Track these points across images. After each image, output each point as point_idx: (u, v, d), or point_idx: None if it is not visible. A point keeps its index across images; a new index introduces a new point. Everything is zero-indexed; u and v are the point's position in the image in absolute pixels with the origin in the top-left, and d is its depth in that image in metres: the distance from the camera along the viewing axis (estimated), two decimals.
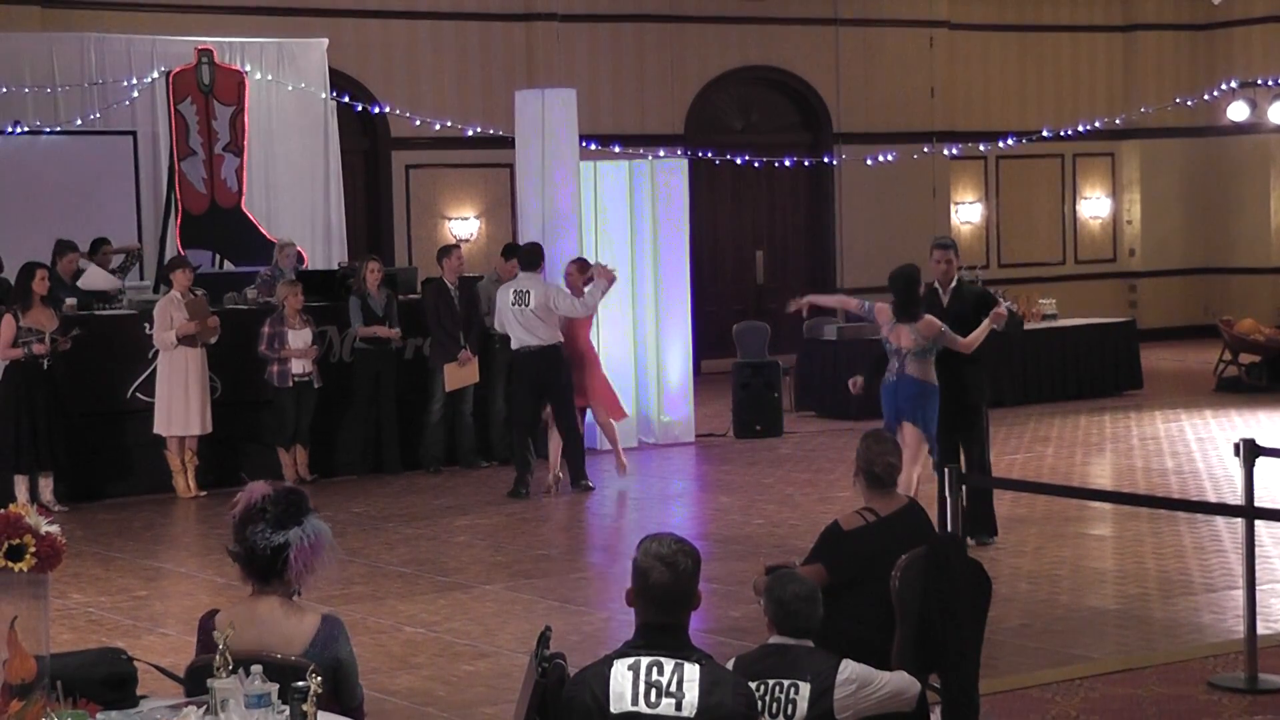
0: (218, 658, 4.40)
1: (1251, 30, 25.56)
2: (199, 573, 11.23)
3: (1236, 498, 10.04)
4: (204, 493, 13.97)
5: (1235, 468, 10.06)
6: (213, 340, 14.03)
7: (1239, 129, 23.97)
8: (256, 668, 4.39)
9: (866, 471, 6.53)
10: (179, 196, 17.09)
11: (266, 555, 4.74)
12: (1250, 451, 8.30)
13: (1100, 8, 25.90)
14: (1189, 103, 24.21)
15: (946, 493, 7.30)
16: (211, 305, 14.25)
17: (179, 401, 13.88)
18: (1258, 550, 8.13)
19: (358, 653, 4.90)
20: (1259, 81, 22.56)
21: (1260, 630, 7.99)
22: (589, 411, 14.31)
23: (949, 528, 7.05)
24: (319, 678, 4.27)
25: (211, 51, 17.35)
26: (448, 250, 15.40)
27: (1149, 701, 7.68)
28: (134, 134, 17.58)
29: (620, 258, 16.23)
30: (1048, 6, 25.50)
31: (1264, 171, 25.63)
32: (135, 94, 17.39)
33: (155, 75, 17.34)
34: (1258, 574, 8.03)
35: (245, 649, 4.55)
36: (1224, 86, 22.90)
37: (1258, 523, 8.29)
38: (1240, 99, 21.84)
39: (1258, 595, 7.94)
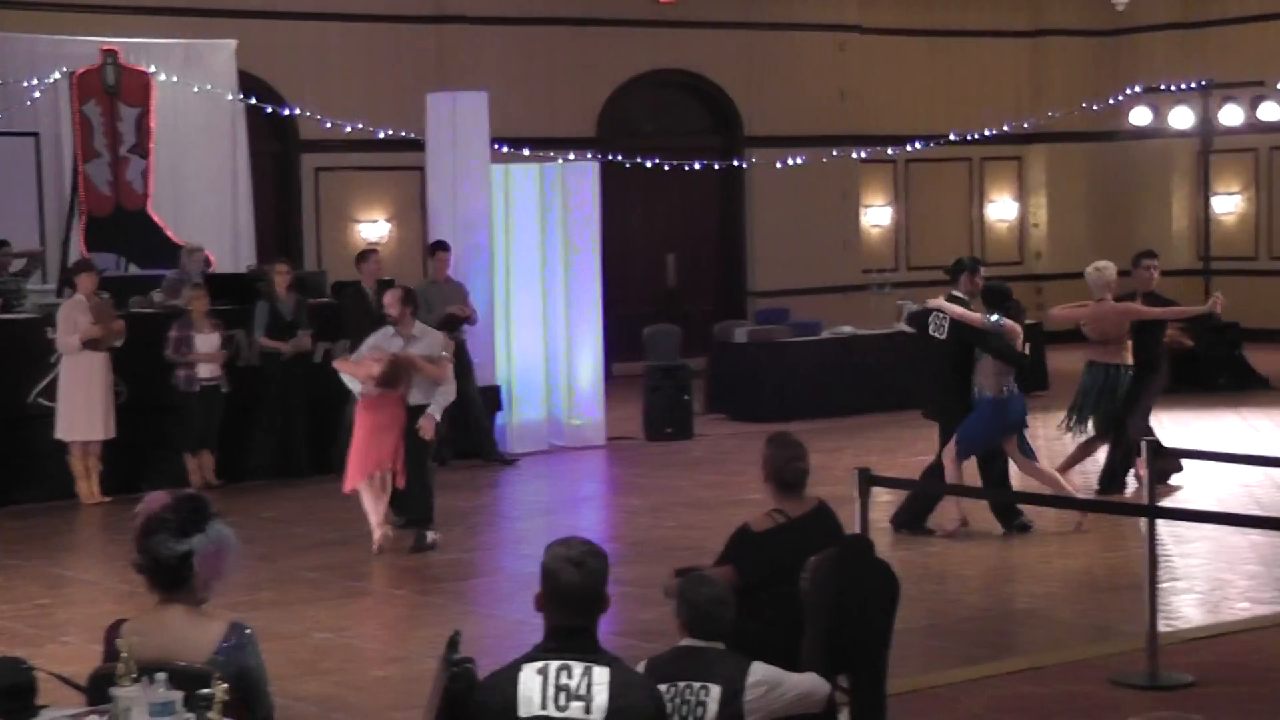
0: (120, 666, 4.36)
1: (1155, 36, 25.88)
2: (103, 580, 11.11)
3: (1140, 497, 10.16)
4: (108, 499, 13.81)
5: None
6: (118, 344, 13.90)
7: (1142, 134, 24.27)
8: (161, 675, 4.35)
9: (776, 478, 6.54)
10: (83, 199, 16.90)
11: (171, 564, 4.69)
12: (1153, 452, 8.43)
13: (1008, 13, 26.14)
14: (1094, 108, 24.51)
15: (856, 494, 7.35)
16: (117, 309, 14.10)
17: (82, 406, 13.72)
18: (1159, 549, 8.23)
19: (265, 659, 4.86)
20: (1161, 87, 22.85)
21: (1161, 628, 8.10)
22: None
23: (860, 529, 7.10)
24: (224, 685, 4.23)
25: (116, 52, 17.16)
26: (366, 255, 15.31)
27: (1053, 699, 7.77)
28: (36, 135, 17.35)
29: (531, 261, 16.23)
30: (956, 11, 25.71)
31: (1166, 176, 25.95)
32: (37, 94, 17.14)
33: (58, 76, 17.11)
34: (1159, 573, 8.13)
35: (150, 657, 4.50)
36: (1128, 92, 23.19)
37: (1159, 522, 8.40)
38: (1143, 104, 22.14)
39: (1159, 594, 8.05)
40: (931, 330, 11.80)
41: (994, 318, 11.40)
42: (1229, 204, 25.23)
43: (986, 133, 23.67)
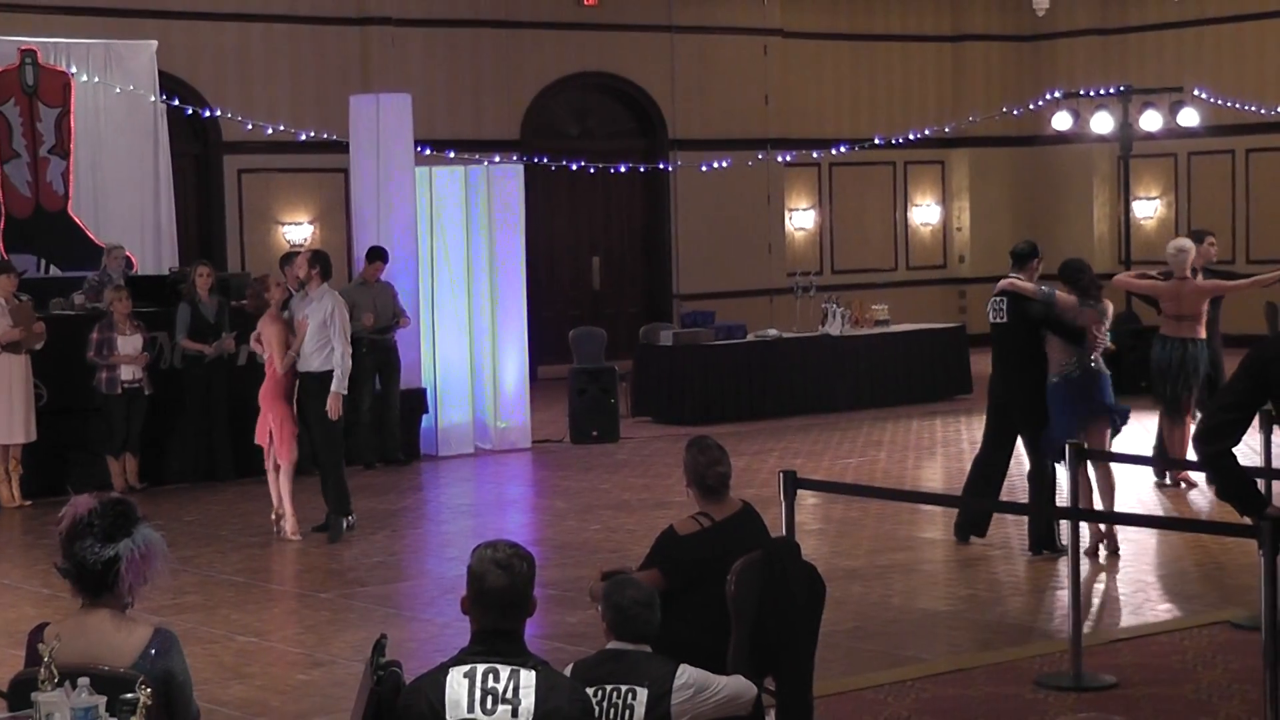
0: (43, 670, 4.31)
1: (1074, 42, 26.14)
2: (23, 584, 10.98)
3: (1063, 499, 10.24)
4: (29, 502, 13.67)
5: (1061, 470, 10.27)
6: (38, 346, 13.76)
7: (1063, 138, 24.48)
8: (84, 680, 4.30)
9: (699, 483, 6.53)
10: (2, 200, 16.73)
11: (97, 570, 4.62)
12: (1075, 455, 8.51)
13: (930, 18, 26.32)
14: (1015, 112, 24.71)
15: (782, 497, 7.37)
16: (37, 311, 13.97)
17: (2, 409, 13.57)
18: (1082, 551, 8.30)
19: (190, 664, 4.81)
20: (1081, 92, 23.06)
21: (1084, 629, 8.17)
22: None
23: (786, 531, 7.11)
24: (148, 689, 4.19)
25: (35, 52, 17.00)
26: (291, 257, 15.21)
27: (978, 701, 7.82)
28: None
29: (456, 263, 16.20)
30: (879, 16, 25.85)
31: (1086, 180, 26.20)
32: None
33: None
34: (1082, 575, 8.21)
35: (73, 661, 4.46)
36: (1048, 96, 23.39)
37: (1083, 525, 8.48)
38: (1063, 109, 22.30)
39: (1082, 595, 8.12)
40: (991, 317, 11.28)
41: (1044, 288, 10.91)
42: (1149, 208, 25.50)
43: (910, 136, 23.81)
